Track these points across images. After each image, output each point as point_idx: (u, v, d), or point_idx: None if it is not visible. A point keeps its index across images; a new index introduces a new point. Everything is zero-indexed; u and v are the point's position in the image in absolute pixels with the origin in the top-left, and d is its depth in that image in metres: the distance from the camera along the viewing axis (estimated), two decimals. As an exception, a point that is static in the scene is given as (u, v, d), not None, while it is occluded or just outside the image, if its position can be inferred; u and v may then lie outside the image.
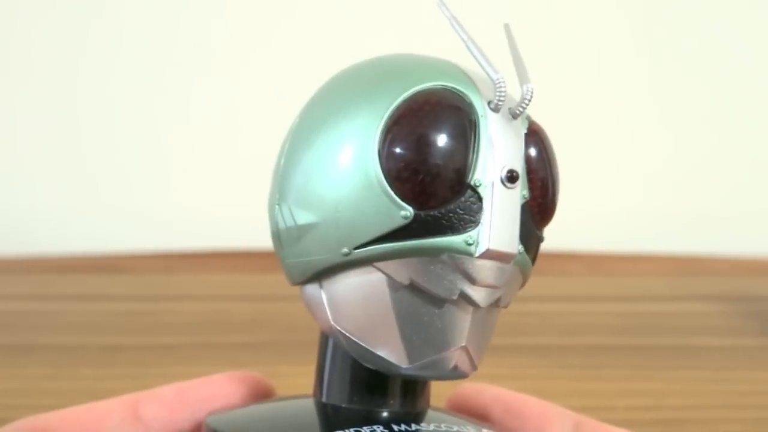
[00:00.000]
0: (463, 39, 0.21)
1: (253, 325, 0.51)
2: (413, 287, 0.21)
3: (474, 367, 0.22)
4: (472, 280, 0.20)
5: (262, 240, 0.23)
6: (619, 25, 0.66)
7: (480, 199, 0.20)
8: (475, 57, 0.21)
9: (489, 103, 0.21)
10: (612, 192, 0.67)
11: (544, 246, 0.23)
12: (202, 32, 0.66)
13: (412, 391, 0.23)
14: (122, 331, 0.49)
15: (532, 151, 0.21)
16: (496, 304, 0.21)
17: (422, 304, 0.21)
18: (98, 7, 0.65)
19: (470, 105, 0.21)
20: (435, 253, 0.20)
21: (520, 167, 0.21)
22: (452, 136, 0.20)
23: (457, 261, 0.20)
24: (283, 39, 0.65)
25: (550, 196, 0.22)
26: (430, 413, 0.24)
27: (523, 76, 0.21)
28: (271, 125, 0.23)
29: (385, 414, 0.22)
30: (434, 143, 0.20)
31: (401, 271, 0.20)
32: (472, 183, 0.20)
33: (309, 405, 0.23)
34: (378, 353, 0.21)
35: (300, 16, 0.65)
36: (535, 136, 0.22)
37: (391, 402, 0.23)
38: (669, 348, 0.48)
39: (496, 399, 0.27)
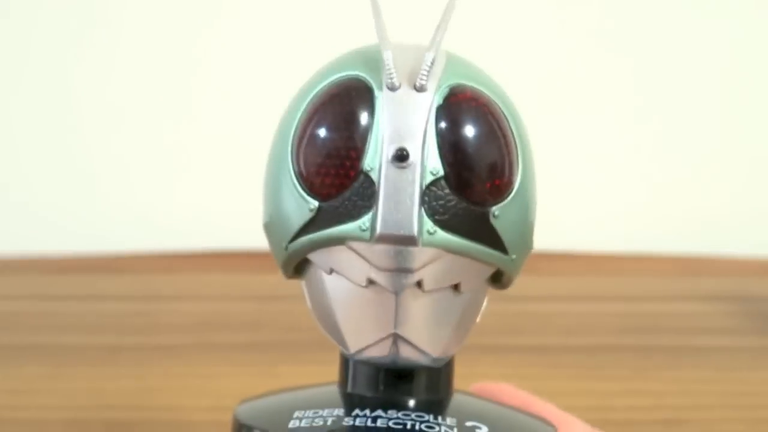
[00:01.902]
0: (373, 13, 0.21)
1: (253, 325, 0.51)
2: (338, 275, 0.21)
3: (429, 357, 0.22)
4: (376, 266, 0.20)
5: (262, 240, 0.23)
6: (621, 25, 0.66)
7: (373, 183, 0.20)
8: (377, 35, 0.21)
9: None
10: (612, 192, 0.67)
11: (545, 246, 0.23)
12: (205, 33, 0.66)
13: (435, 381, 0.23)
14: (122, 331, 0.49)
15: (447, 123, 0.20)
16: (419, 287, 0.21)
17: (349, 292, 0.21)
18: (99, 7, 0.65)
19: (367, 89, 0.21)
20: (338, 241, 0.21)
21: (415, 144, 0.20)
22: (343, 126, 0.20)
23: (358, 247, 0.20)
24: (287, 41, 0.65)
25: (475, 167, 0.21)
26: (455, 399, 0.24)
27: (431, 44, 0.21)
28: (272, 126, 0.23)
29: (411, 402, 0.22)
30: (326, 136, 0.21)
31: (323, 260, 0.21)
32: (364, 168, 0.20)
33: (335, 393, 0.23)
34: (335, 341, 0.22)
35: (304, 17, 0.65)
36: (454, 106, 0.21)
37: (412, 390, 0.23)
38: (669, 348, 0.48)
39: (513, 397, 0.27)
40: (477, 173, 0.21)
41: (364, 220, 0.20)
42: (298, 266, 0.23)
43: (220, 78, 0.66)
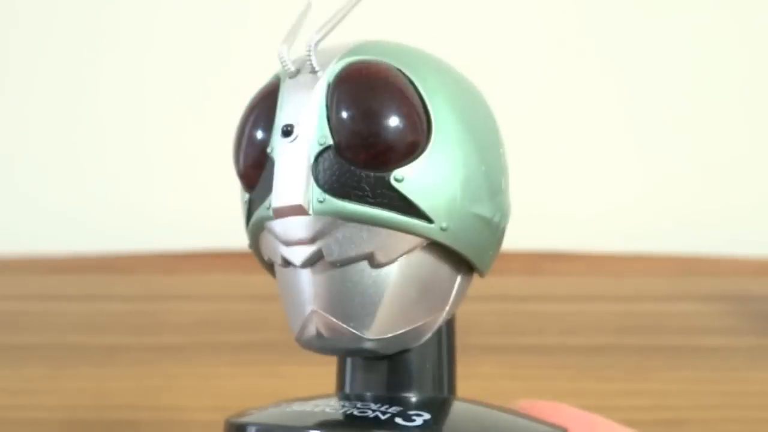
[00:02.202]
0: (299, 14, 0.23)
1: (253, 325, 0.51)
2: (271, 261, 0.22)
3: (361, 338, 0.21)
4: (282, 241, 0.21)
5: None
6: (620, 25, 0.66)
7: (273, 164, 0.21)
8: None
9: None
10: (612, 192, 0.67)
11: (545, 246, 0.23)
12: (204, 33, 0.66)
13: (437, 377, 0.23)
14: (122, 331, 0.49)
15: (336, 95, 0.21)
16: (320, 258, 0.21)
17: (280, 276, 0.22)
18: (99, 8, 0.65)
19: (276, 82, 0.22)
20: (259, 226, 0.22)
21: (303, 118, 0.21)
22: (255, 119, 0.22)
23: (270, 227, 0.21)
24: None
25: (363, 133, 0.20)
26: (456, 404, 0.23)
27: (320, 27, 0.21)
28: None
29: (413, 399, 0.22)
30: (245, 132, 0.22)
31: (264, 251, 0.22)
32: (268, 152, 0.21)
33: (332, 397, 0.23)
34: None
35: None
36: (343, 79, 0.21)
37: (379, 383, 0.22)
38: (669, 348, 0.48)
39: (575, 419, 0.26)
40: (365, 139, 0.20)
41: (269, 199, 0.21)
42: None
43: (222, 78, 0.66)
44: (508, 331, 0.49)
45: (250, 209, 0.22)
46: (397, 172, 0.20)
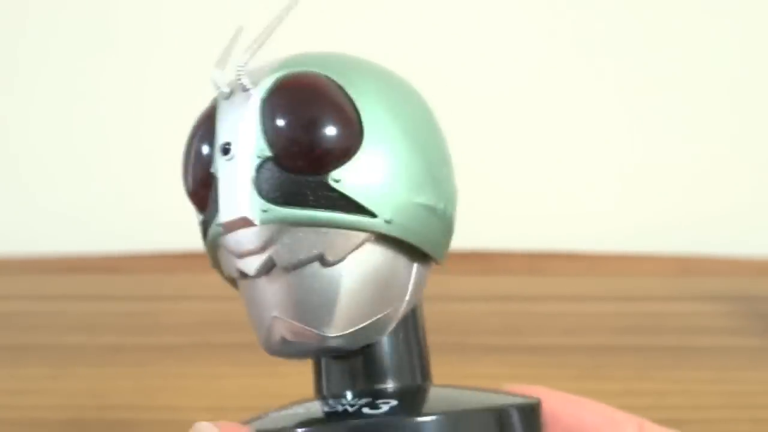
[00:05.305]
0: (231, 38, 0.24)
1: (253, 325, 0.51)
2: (231, 276, 0.23)
3: (325, 337, 0.22)
4: (235, 254, 0.22)
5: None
6: (622, 25, 0.66)
7: (217, 182, 0.22)
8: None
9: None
10: (612, 192, 0.67)
11: (545, 246, 0.23)
12: (205, 34, 0.66)
13: (408, 366, 0.23)
14: (122, 331, 0.49)
15: (270, 109, 0.22)
16: (272, 265, 0.21)
17: (241, 290, 0.23)
18: (100, 8, 0.65)
19: (214, 104, 0.23)
20: (215, 243, 0.23)
21: (240, 135, 0.21)
22: (197, 141, 0.23)
23: (222, 243, 0.22)
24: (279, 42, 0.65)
25: (297, 141, 0.21)
26: (427, 389, 0.24)
27: (247, 48, 0.22)
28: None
29: (387, 389, 0.23)
30: (191, 155, 0.23)
31: (222, 266, 0.23)
32: (212, 172, 0.22)
33: (315, 402, 0.24)
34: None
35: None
36: (276, 93, 0.22)
37: (386, 378, 0.23)
38: (669, 348, 0.48)
39: (564, 403, 0.26)
40: (301, 147, 0.21)
41: (218, 217, 0.22)
42: None
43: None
44: (509, 331, 0.49)
45: (205, 229, 0.23)
46: (335, 174, 0.21)
